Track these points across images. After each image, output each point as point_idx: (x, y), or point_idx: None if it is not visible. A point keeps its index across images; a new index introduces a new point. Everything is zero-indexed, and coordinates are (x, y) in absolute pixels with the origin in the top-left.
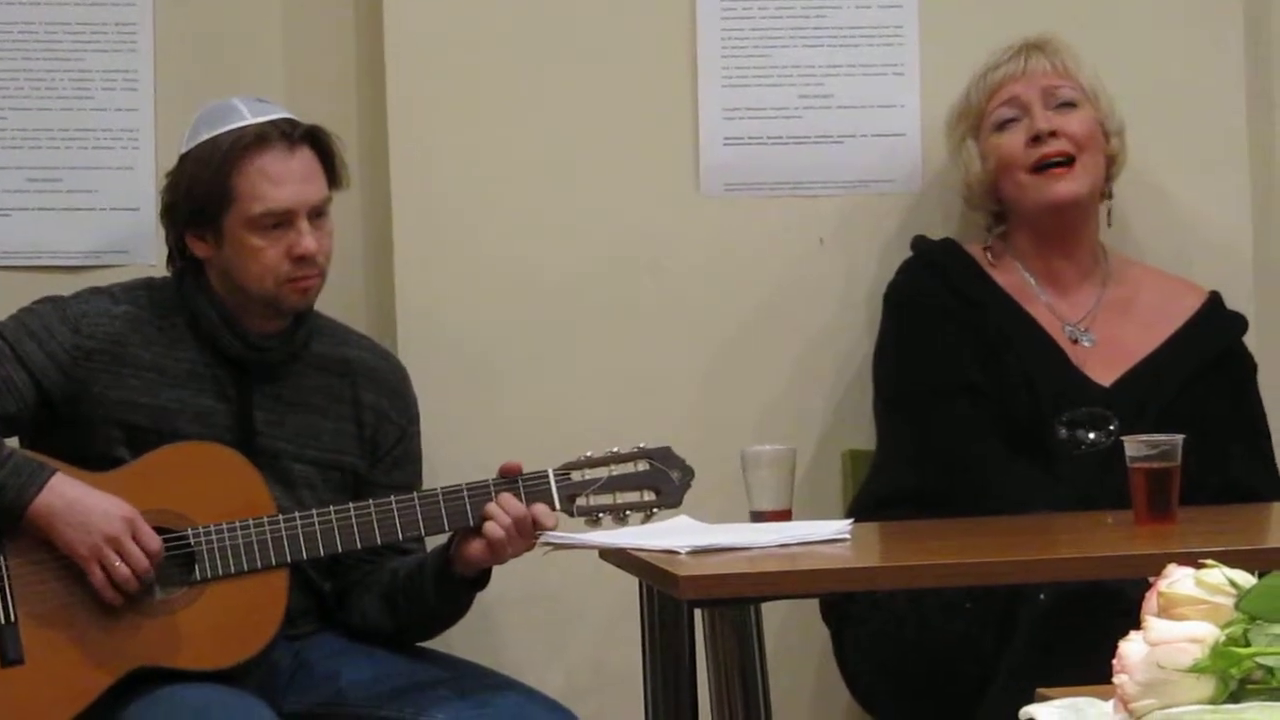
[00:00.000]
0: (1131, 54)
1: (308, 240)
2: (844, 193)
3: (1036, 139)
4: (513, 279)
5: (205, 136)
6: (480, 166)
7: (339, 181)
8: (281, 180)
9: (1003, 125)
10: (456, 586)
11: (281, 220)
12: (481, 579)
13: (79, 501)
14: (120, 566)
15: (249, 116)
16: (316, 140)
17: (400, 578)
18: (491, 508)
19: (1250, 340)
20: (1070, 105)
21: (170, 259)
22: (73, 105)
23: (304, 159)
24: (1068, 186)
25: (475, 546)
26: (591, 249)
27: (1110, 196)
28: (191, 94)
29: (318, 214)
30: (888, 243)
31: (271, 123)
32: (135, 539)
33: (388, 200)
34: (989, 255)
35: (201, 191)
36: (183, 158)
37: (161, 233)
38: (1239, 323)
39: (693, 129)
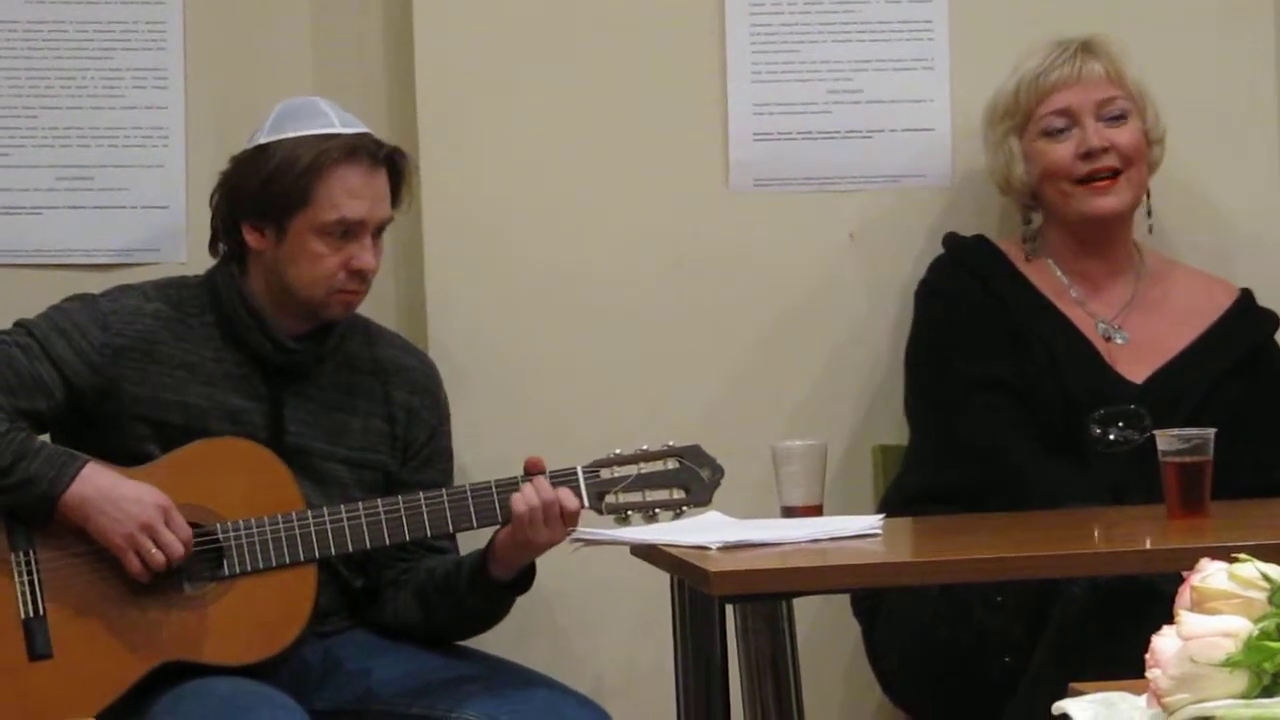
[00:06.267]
0: (1164, 51)
1: (368, 256)
2: (874, 188)
3: (1088, 154)
4: (542, 276)
5: (290, 134)
6: (509, 164)
7: (400, 205)
8: (360, 194)
9: (1052, 133)
10: (491, 587)
11: (349, 231)
12: (520, 583)
13: (112, 489)
14: (156, 553)
15: (337, 125)
16: (394, 163)
17: (437, 576)
18: (523, 487)
19: None
20: (1121, 118)
21: (214, 241)
22: (103, 104)
23: (381, 179)
24: (1111, 201)
25: (503, 533)
26: (621, 245)
27: (1148, 196)
28: (221, 92)
29: (378, 232)
30: (918, 238)
31: (359, 137)
32: (169, 526)
33: (418, 198)
34: (1026, 248)
35: (280, 188)
36: (261, 148)
37: (191, 231)
38: (1271, 320)
39: (722, 124)
